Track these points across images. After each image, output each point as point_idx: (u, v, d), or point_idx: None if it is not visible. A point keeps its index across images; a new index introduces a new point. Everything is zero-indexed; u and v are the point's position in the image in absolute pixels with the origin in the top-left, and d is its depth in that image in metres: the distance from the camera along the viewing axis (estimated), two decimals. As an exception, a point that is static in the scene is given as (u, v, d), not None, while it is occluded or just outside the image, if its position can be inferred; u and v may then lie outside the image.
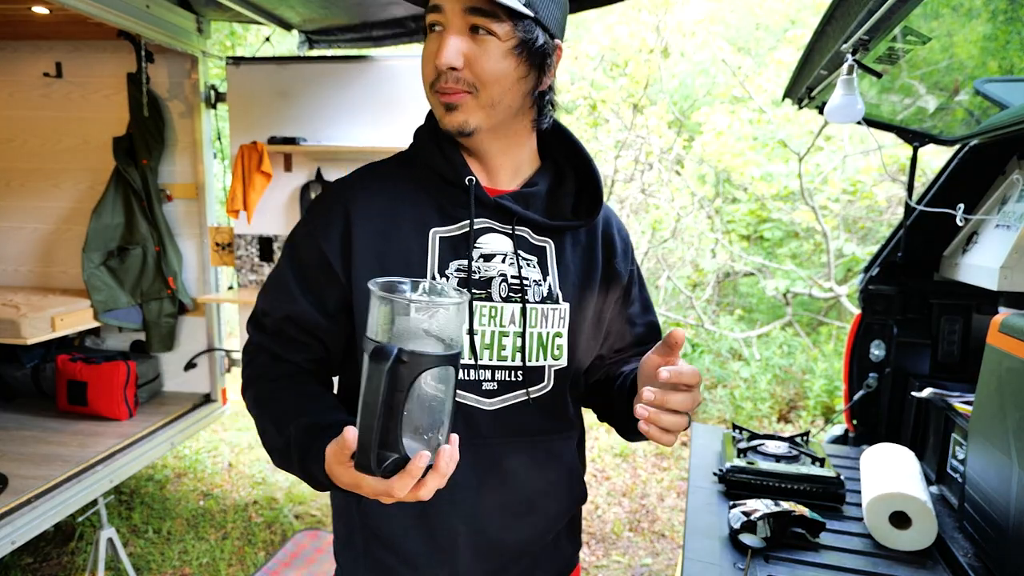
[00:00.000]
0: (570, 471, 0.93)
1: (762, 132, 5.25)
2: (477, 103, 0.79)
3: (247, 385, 0.89)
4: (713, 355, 4.85)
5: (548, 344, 0.87)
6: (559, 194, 0.91)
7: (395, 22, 2.64)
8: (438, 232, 0.85)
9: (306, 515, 3.05)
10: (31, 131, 2.90)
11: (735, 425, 1.65)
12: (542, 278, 0.87)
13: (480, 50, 0.77)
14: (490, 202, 0.85)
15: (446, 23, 0.77)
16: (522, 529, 0.89)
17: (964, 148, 1.76)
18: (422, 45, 0.89)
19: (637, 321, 1.00)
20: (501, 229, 0.86)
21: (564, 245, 0.90)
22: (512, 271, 0.85)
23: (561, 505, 0.92)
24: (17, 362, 2.78)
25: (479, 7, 0.75)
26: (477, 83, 0.78)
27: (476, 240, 0.85)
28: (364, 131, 2.75)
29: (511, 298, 0.84)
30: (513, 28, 0.78)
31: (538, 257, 0.87)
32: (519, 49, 0.79)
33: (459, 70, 0.77)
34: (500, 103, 0.81)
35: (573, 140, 0.93)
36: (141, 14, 2.31)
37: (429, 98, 0.82)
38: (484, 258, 0.85)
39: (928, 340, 1.83)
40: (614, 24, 5.58)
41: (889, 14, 1.01)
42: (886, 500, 1.17)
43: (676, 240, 5.50)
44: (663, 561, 2.81)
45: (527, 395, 0.86)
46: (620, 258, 0.95)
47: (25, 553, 2.60)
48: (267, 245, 2.92)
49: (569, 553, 0.99)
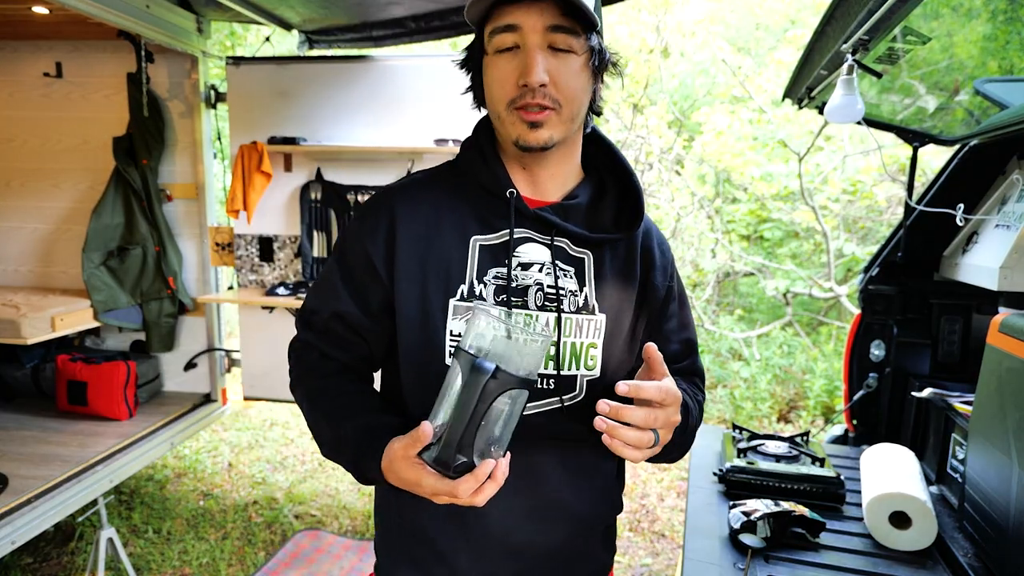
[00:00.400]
0: (604, 480, 0.94)
1: (762, 132, 5.25)
2: (560, 119, 0.82)
3: (297, 381, 0.94)
4: (713, 355, 4.85)
5: (582, 354, 0.88)
6: (600, 206, 0.92)
7: (395, 22, 2.64)
8: (479, 240, 0.87)
9: (306, 515, 3.05)
10: (31, 131, 2.90)
11: (735, 425, 1.65)
12: (579, 289, 0.88)
13: (562, 66, 0.80)
14: (530, 213, 0.87)
15: (524, 42, 0.79)
16: (552, 533, 0.91)
17: (964, 148, 1.76)
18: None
19: (672, 338, 0.99)
20: (540, 240, 0.88)
21: (603, 257, 0.91)
22: (548, 280, 0.87)
23: (593, 513, 0.93)
24: (17, 362, 2.78)
25: (560, 24, 0.78)
26: (561, 99, 0.81)
27: (515, 249, 0.87)
28: (364, 131, 2.75)
29: (546, 307, 0.87)
30: (586, 42, 0.81)
31: (576, 268, 0.89)
32: (591, 62, 0.83)
33: (546, 87, 0.79)
34: (577, 116, 0.85)
35: (614, 151, 0.95)
36: (141, 14, 2.31)
37: (504, 116, 0.83)
38: (522, 267, 0.87)
39: (928, 340, 1.83)
40: (614, 24, 5.58)
41: (889, 14, 1.01)
42: (886, 500, 1.17)
43: (676, 240, 5.50)
44: (663, 561, 2.81)
45: (560, 402, 0.87)
46: (659, 272, 0.95)
47: (25, 553, 2.61)
48: (267, 245, 2.92)
49: (602, 561, 0.99)
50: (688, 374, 1.01)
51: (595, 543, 0.97)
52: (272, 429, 4.12)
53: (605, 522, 0.97)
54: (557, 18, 0.78)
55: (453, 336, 0.86)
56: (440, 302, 0.86)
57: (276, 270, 2.94)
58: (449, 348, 0.86)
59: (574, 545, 0.93)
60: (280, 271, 2.94)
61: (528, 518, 0.89)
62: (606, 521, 0.97)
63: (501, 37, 0.80)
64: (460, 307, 0.86)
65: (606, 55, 0.85)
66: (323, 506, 3.14)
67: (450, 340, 0.86)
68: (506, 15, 0.79)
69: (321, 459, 3.70)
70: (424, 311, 0.86)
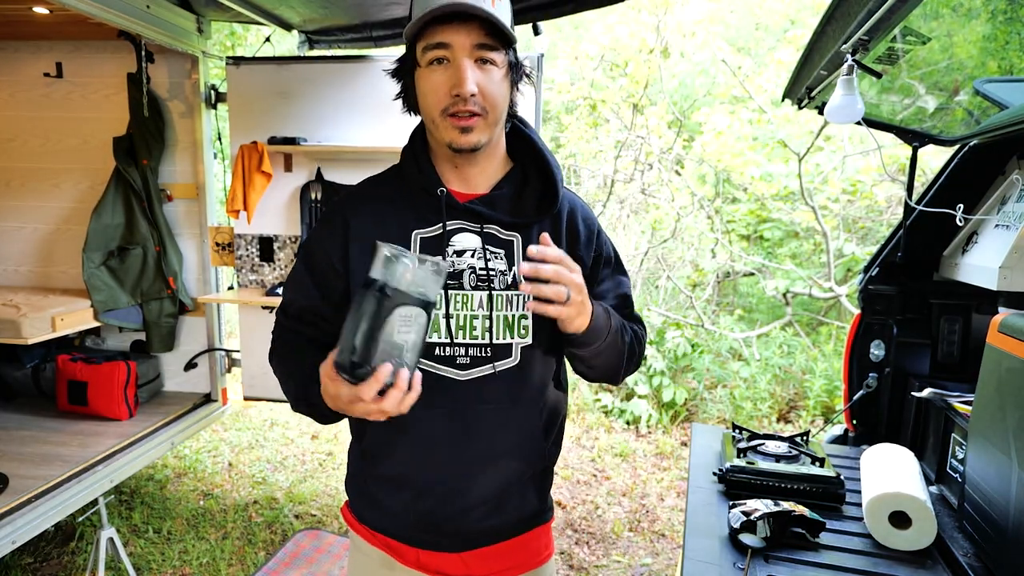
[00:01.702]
0: (531, 435, 1.06)
1: (762, 132, 5.25)
2: (486, 123, 0.96)
3: (272, 353, 1.11)
4: (713, 355, 4.84)
5: (515, 325, 1.02)
6: (524, 193, 1.06)
7: (395, 22, 2.64)
8: (419, 233, 1.02)
9: (306, 515, 3.05)
10: (31, 131, 2.90)
11: (735, 425, 1.65)
12: (508, 268, 1.02)
13: (487, 78, 0.94)
14: (461, 207, 1.02)
15: (454, 57, 0.92)
16: (486, 479, 1.05)
17: (964, 148, 1.76)
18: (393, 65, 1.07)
19: (607, 296, 1.12)
20: (472, 228, 1.02)
21: (531, 238, 1.03)
22: (480, 264, 1.01)
23: (521, 463, 1.07)
24: (17, 362, 2.78)
25: (485, 43, 0.92)
26: (487, 106, 0.94)
27: (450, 239, 1.01)
28: (364, 131, 2.75)
29: (479, 287, 1.01)
30: (505, 55, 0.96)
31: (506, 250, 1.03)
32: (510, 72, 0.98)
33: (475, 95, 0.92)
34: (500, 120, 0.99)
35: (534, 142, 1.08)
36: (141, 14, 2.32)
37: (439, 123, 0.96)
38: (457, 254, 1.01)
39: (928, 340, 1.83)
40: (614, 24, 5.57)
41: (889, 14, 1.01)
42: (886, 500, 1.17)
43: (676, 240, 5.50)
44: (663, 561, 2.81)
45: (493, 368, 1.01)
46: (583, 244, 1.08)
47: (25, 553, 2.61)
48: (267, 245, 2.92)
49: (535, 506, 1.12)
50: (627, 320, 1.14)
51: (527, 490, 1.10)
52: (272, 429, 4.13)
53: (532, 470, 1.09)
54: (482, 37, 0.92)
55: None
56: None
57: (276, 270, 2.94)
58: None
59: (507, 491, 1.07)
60: (280, 271, 2.94)
61: (466, 467, 1.03)
62: (533, 469, 1.09)
63: (434, 52, 0.93)
64: None
65: (521, 67, 1.00)
66: (323, 506, 3.14)
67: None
68: (438, 34, 0.92)
69: (321, 459, 3.70)
70: None
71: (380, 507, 1.09)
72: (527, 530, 1.12)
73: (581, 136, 5.85)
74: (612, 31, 5.54)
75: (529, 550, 1.13)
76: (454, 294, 1.00)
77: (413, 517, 1.06)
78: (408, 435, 1.02)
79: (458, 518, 1.05)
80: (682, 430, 4.30)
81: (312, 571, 2.57)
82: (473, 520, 1.06)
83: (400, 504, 1.06)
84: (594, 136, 5.69)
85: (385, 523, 1.09)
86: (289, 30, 2.83)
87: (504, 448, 1.04)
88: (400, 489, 1.06)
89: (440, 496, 1.04)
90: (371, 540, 1.12)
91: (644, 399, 4.44)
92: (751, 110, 5.28)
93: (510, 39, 0.95)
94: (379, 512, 1.09)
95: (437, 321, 0.99)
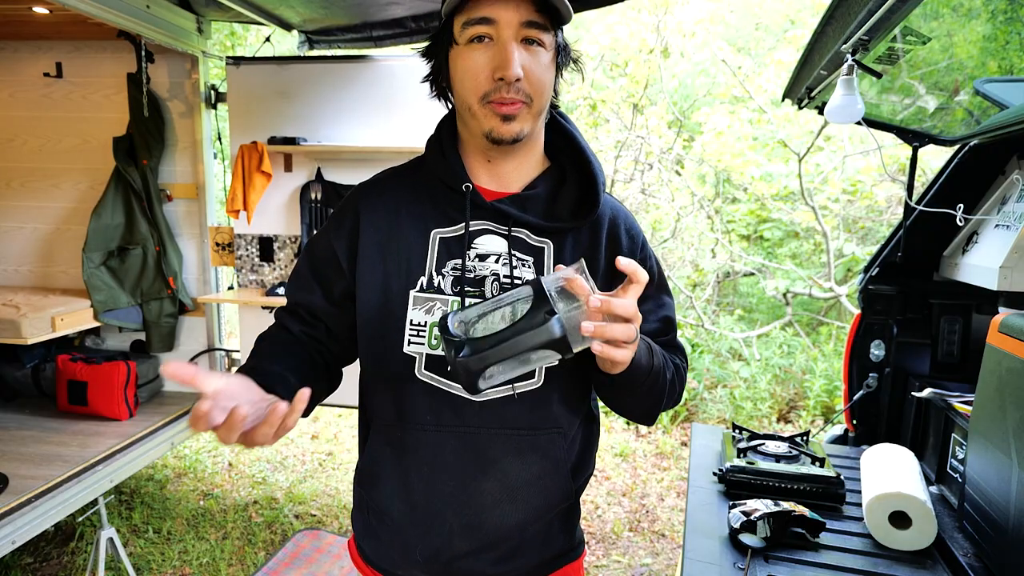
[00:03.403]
0: (556, 466, 0.93)
1: (762, 132, 5.25)
2: (530, 112, 0.84)
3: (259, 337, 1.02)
4: (713, 355, 4.84)
5: None
6: (560, 195, 0.93)
7: (395, 22, 2.64)
8: (439, 233, 0.91)
9: (306, 515, 3.05)
10: (31, 131, 2.90)
11: (735, 425, 1.65)
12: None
13: (534, 61, 0.82)
14: (488, 206, 0.90)
15: (499, 35, 0.80)
16: (503, 516, 0.92)
17: (964, 148, 1.76)
18: (421, 45, 0.93)
19: (649, 318, 0.98)
20: (498, 231, 0.90)
21: (564, 245, 0.91)
22: (504, 271, 0.89)
23: (545, 498, 0.94)
24: (17, 362, 2.78)
25: (534, 20, 0.80)
26: (532, 93, 0.82)
27: (473, 241, 0.90)
28: (364, 131, 2.75)
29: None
30: (555, 36, 0.84)
31: (535, 257, 0.90)
32: (558, 57, 0.86)
33: (520, 81, 0.80)
34: (543, 110, 0.87)
35: (575, 138, 0.96)
36: (141, 14, 2.31)
37: (477, 110, 0.84)
38: (479, 258, 0.90)
39: (928, 340, 1.83)
40: (614, 24, 5.57)
41: (889, 14, 1.01)
42: (886, 500, 1.17)
43: (676, 240, 5.50)
44: (663, 561, 2.81)
45: (512, 390, 0.89)
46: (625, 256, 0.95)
47: (25, 553, 2.61)
48: (267, 245, 2.92)
49: (560, 546, 0.99)
50: (668, 348, 1.02)
51: (553, 529, 0.98)
52: (272, 429, 4.12)
53: (557, 508, 0.96)
54: (532, 13, 0.79)
55: (412, 326, 0.88)
56: (401, 293, 0.89)
57: (276, 270, 2.94)
58: (408, 338, 0.88)
59: (527, 529, 0.94)
60: (280, 271, 2.94)
61: (479, 500, 0.91)
62: (558, 507, 0.96)
63: (475, 28, 0.80)
64: (420, 298, 0.89)
65: (570, 50, 0.88)
66: (323, 506, 3.14)
67: (408, 330, 0.88)
68: (482, 7, 0.79)
69: (321, 459, 3.70)
70: (385, 301, 0.90)
71: (379, 539, 0.97)
72: (551, 571, 0.99)
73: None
74: (612, 31, 5.54)
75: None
76: (473, 304, 0.90)
77: (419, 555, 0.93)
78: (411, 457, 0.91)
79: (470, 560, 0.93)
80: (682, 430, 4.29)
81: (312, 571, 2.57)
82: (487, 563, 0.93)
83: (401, 540, 0.94)
84: (594, 136, 5.69)
85: (387, 561, 0.98)
86: (289, 30, 2.83)
87: (523, 481, 0.91)
88: (401, 520, 0.93)
89: (448, 534, 0.91)
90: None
91: (644, 399, 4.43)
92: (751, 110, 5.28)
93: (564, 16, 0.82)
94: (377, 542, 0.98)
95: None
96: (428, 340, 0.89)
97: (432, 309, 0.89)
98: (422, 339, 0.89)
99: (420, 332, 0.89)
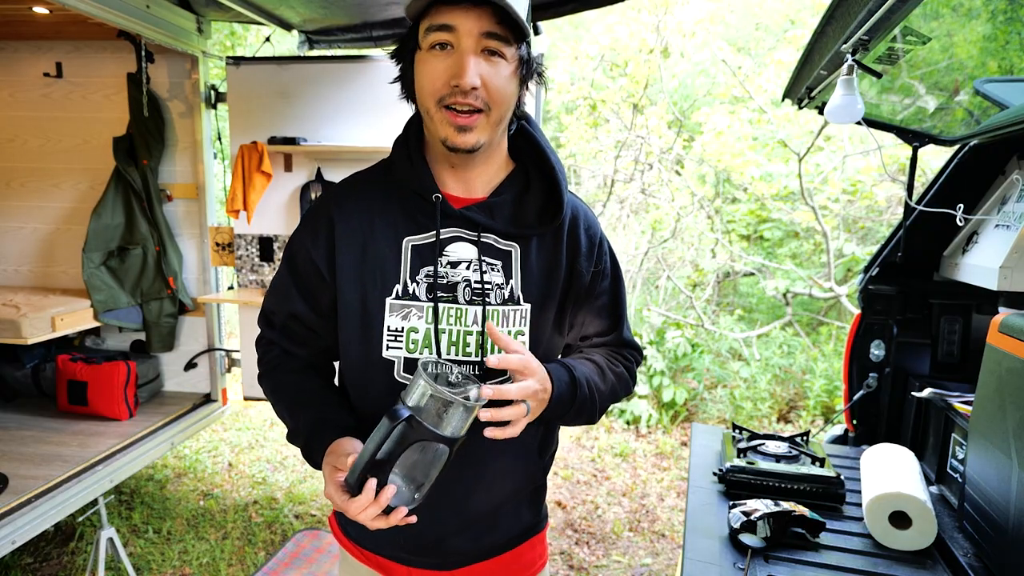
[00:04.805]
0: (527, 455, 1.02)
1: (762, 132, 5.25)
2: (488, 122, 0.86)
3: (264, 375, 1.04)
4: (713, 355, 4.84)
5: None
6: (525, 200, 0.97)
7: (395, 22, 2.64)
8: (411, 240, 0.94)
9: (306, 515, 3.05)
10: (31, 131, 2.90)
11: (735, 425, 1.65)
12: (505, 281, 0.94)
13: (493, 71, 0.84)
14: (457, 214, 0.93)
15: (459, 44, 0.82)
16: (479, 501, 1.00)
17: (964, 148, 1.76)
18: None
19: (603, 313, 1.06)
20: (468, 237, 0.94)
21: (530, 248, 0.96)
22: (475, 276, 0.93)
23: (516, 484, 1.03)
24: (17, 362, 2.78)
25: (494, 32, 0.82)
26: (490, 103, 0.84)
27: (444, 248, 0.93)
28: (364, 131, 2.75)
29: (474, 301, 0.93)
30: (516, 49, 0.85)
31: (503, 261, 0.95)
32: (520, 69, 0.87)
33: (477, 89, 0.82)
34: (503, 120, 0.89)
35: (540, 145, 0.99)
36: (141, 14, 2.31)
37: (434, 114, 0.86)
38: (451, 265, 0.93)
39: (928, 340, 1.83)
40: (614, 24, 5.57)
41: (889, 14, 1.01)
42: (886, 500, 1.17)
43: (676, 240, 5.50)
44: (663, 561, 2.81)
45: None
46: (584, 257, 1.00)
47: (25, 553, 2.61)
48: (267, 245, 2.92)
49: (528, 520, 1.09)
50: (616, 346, 1.09)
51: (521, 507, 1.07)
52: (272, 429, 4.12)
53: (526, 490, 1.06)
54: (492, 25, 0.81)
55: (390, 331, 0.93)
56: (377, 301, 0.93)
57: (276, 270, 2.94)
58: (386, 343, 0.93)
59: (500, 510, 1.03)
60: (280, 271, 2.94)
61: (457, 488, 0.97)
62: (527, 489, 1.06)
63: (436, 35, 0.83)
64: (396, 305, 0.93)
65: (534, 64, 0.90)
66: (323, 506, 3.14)
67: (387, 335, 0.93)
68: (443, 15, 0.82)
69: (321, 459, 3.69)
70: (364, 310, 0.94)
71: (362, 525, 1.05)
72: (520, 543, 1.09)
73: (581, 136, 5.84)
74: (612, 31, 5.54)
75: (523, 562, 1.10)
76: (448, 308, 0.93)
77: (401, 538, 1.00)
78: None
79: (449, 539, 1.01)
80: (682, 430, 4.29)
81: (312, 571, 2.57)
82: (465, 540, 1.02)
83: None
84: (594, 136, 5.69)
85: (371, 542, 1.05)
86: (289, 30, 2.83)
87: (498, 471, 0.99)
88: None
89: (429, 519, 0.97)
90: (359, 556, 1.08)
91: (644, 399, 4.44)
92: (751, 110, 5.28)
93: (524, 32, 0.84)
94: (361, 527, 1.04)
95: (429, 335, 0.93)
96: (405, 345, 0.93)
97: (408, 315, 0.93)
98: (400, 344, 0.93)
99: (397, 337, 0.93)
